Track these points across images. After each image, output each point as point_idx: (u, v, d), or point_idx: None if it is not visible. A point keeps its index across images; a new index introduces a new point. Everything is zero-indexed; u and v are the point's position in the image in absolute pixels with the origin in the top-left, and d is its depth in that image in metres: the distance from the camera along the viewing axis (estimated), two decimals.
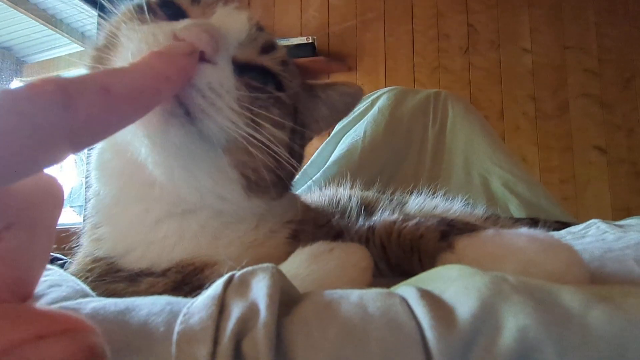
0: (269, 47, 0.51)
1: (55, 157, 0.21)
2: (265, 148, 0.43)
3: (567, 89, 3.21)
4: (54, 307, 0.28)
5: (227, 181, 0.45)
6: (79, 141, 0.22)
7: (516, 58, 3.30)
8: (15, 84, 2.90)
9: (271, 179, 0.48)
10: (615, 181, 3.08)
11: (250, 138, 0.41)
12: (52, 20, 2.85)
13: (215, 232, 0.45)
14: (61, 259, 1.13)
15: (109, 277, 0.43)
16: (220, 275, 0.32)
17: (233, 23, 0.47)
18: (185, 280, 0.40)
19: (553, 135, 3.21)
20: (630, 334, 0.24)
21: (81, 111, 0.21)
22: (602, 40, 3.19)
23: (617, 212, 2.92)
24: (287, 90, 0.51)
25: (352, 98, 0.61)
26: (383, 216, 0.56)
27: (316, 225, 0.56)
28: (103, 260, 0.46)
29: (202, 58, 0.37)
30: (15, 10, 2.62)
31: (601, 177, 3.10)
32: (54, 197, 0.24)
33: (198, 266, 0.43)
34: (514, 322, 0.25)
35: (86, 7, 2.99)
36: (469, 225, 0.44)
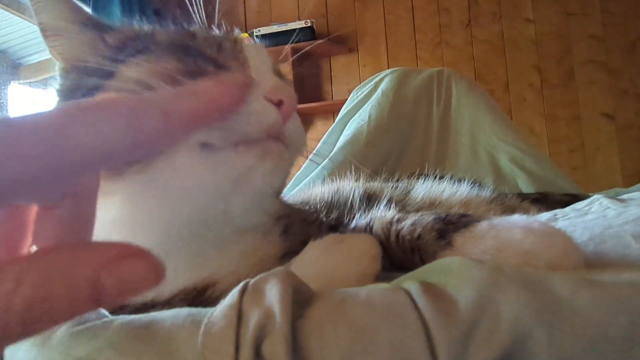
0: (279, 72, 0.55)
1: (114, 164, 0.24)
2: None
3: (572, 57, 3.18)
4: (82, 327, 0.30)
5: (275, 197, 0.51)
6: (138, 152, 0.25)
7: (519, 29, 3.26)
8: (13, 86, 2.94)
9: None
10: (625, 147, 3.06)
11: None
12: None
13: (220, 252, 0.46)
14: None
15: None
16: (222, 292, 0.34)
17: (266, 61, 0.51)
18: (191, 305, 0.41)
19: (560, 104, 3.18)
20: (613, 315, 0.27)
21: (144, 130, 0.24)
22: (606, 5, 3.13)
23: (627, 179, 2.90)
24: None
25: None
26: (379, 213, 0.56)
27: (305, 221, 0.58)
28: None
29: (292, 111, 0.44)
30: (7, 12, 2.63)
31: (610, 144, 3.08)
32: (96, 175, 0.29)
33: (200, 290, 0.44)
34: (509, 311, 0.27)
35: (79, 4, 2.99)
36: (463, 218, 0.45)
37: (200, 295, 0.44)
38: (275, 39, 3.28)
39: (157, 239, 0.44)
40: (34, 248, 0.26)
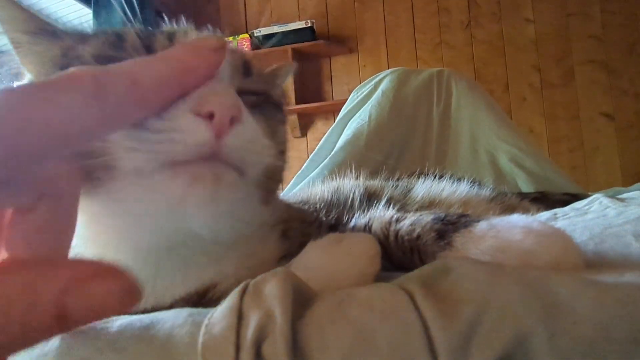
0: (247, 67, 0.49)
1: (87, 139, 0.23)
2: (280, 154, 0.45)
3: (572, 57, 3.18)
4: (84, 327, 0.30)
5: (252, 204, 0.46)
6: (108, 126, 0.24)
7: (519, 29, 3.26)
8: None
9: (279, 179, 0.51)
10: (624, 147, 3.07)
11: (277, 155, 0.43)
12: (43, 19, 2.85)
13: (217, 259, 0.46)
14: None
15: None
16: (223, 293, 0.33)
17: None
18: (192, 307, 0.41)
19: (559, 104, 3.19)
20: (614, 315, 0.27)
21: (111, 100, 0.23)
22: (605, 5, 3.14)
23: (627, 178, 2.91)
24: (275, 96, 0.53)
25: (290, 70, 0.68)
26: (378, 212, 0.56)
27: (304, 222, 0.58)
28: None
29: (233, 122, 0.36)
30: None
31: (610, 143, 3.09)
32: (75, 175, 0.27)
33: (201, 293, 0.44)
34: (509, 311, 0.27)
35: (80, 5, 3.00)
36: (462, 218, 0.45)
37: (202, 298, 0.44)
38: (275, 40, 3.30)
39: (132, 256, 0.43)
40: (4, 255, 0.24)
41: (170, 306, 0.43)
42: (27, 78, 0.47)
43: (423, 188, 0.86)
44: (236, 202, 0.42)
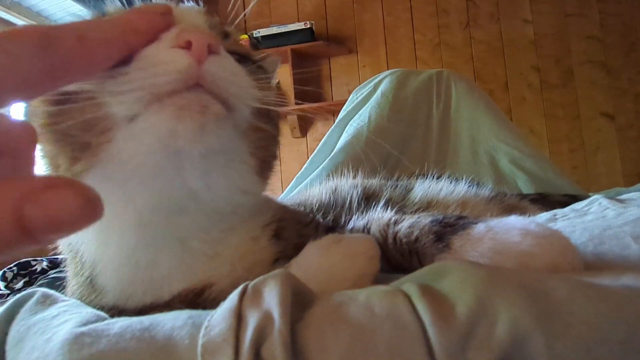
0: (224, 31, 0.52)
1: (37, 91, 0.25)
2: (268, 118, 0.45)
3: (571, 57, 3.19)
4: (85, 328, 0.31)
5: (248, 172, 0.46)
6: (58, 79, 0.25)
7: (517, 30, 3.27)
8: None
9: (274, 151, 0.51)
10: (625, 146, 3.07)
11: (263, 107, 0.42)
12: (47, 23, 2.86)
13: (208, 252, 0.46)
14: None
15: None
16: (220, 293, 0.33)
17: (197, 18, 0.47)
18: (190, 307, 0.41)
19: (559, 104, 3.19)
20: (610, 318, 0.27)
21: (59, 52, 0.24)
22: (603, 6, 3.14)
23: (628, 178, 2.91)
24: (257, 59, 0.54)
25: (276, 63, 0.66)
26: (377, 214, 0.56)
27: (300, 223, 0.58)
28: (105, 308, 0.45)
29: (211, 51, 0.37)
30: (9, 15, 2.64)
31: (610, 143, 3.09)
32: (29, 132, 0.28)
33: (198, 291, 0.44)
34: (506, 314, 0.27)
35: (79, 6, 3.01)
36: (460, 220, 0.45)
37: (198, 297, 0.44)
38: (274, 41, 3.31)
39: (136, 231, 0.43)
40: None
41: (168, 303, 0.43)
42: None
43: (421, 189, 0.86)
44: (227, 148, 0.42)
